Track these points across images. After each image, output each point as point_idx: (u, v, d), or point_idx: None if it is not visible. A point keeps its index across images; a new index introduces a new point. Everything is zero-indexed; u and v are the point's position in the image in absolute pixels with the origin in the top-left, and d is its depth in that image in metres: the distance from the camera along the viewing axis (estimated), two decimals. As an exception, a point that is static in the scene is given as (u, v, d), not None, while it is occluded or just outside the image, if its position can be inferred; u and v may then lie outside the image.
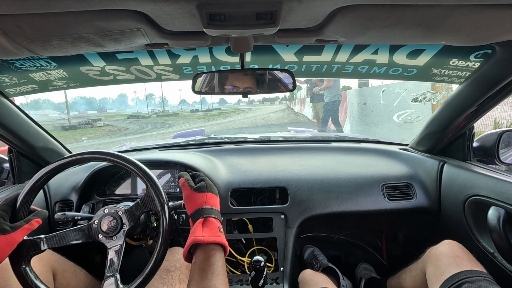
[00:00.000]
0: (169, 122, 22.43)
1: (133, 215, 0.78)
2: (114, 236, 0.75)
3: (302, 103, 20.76)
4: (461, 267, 0.77)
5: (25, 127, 1.15)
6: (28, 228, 0.68)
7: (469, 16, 0.54)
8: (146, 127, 20.10)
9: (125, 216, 0.77)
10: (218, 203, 0.79)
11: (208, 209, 0.74)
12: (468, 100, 1.03)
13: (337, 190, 1.23)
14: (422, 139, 1.37)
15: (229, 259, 1.23)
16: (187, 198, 0.78)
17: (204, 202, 0.75)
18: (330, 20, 0.58)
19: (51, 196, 1.23)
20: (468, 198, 1.03)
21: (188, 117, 30.75)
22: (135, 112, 46.98)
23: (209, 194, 0.77)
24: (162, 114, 39.41)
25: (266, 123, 15.62)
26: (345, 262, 1.65)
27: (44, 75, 1.20)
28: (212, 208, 0.75)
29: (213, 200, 0.77)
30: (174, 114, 38.20)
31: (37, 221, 0.70)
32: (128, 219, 0.77)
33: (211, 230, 0.71)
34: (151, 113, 43.19)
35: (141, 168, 0.77)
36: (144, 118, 34.33)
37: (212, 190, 0.79)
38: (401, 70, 1.27)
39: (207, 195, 0.77)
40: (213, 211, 0.75)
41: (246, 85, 1.00)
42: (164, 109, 53.03)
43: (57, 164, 0.78)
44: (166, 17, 0.54)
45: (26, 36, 0.56)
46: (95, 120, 23.52)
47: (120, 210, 0.78)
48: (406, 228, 1.58)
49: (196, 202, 0.75)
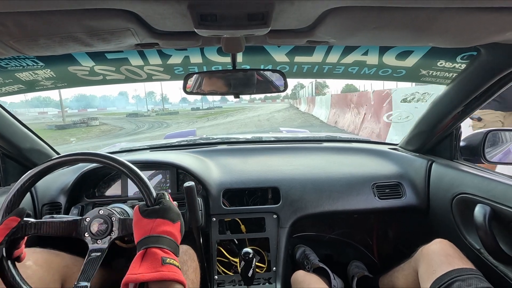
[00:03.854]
0: (168, 121, 21.88)
1: (125, 227, 0.74)
2: (99, 240, 0.73)
3: (310, 102, 19.62)
4: (452, 266, 0.79)
5: (11, 128, 1.12)
6: (4, 228, 0.66)
7: (455, 18, 0.56)
8: (143, 126, 19.61)
9: (117, 224, 0.75)
10: (175, 230, 0.66)
11: (153, 237, 0.62)
12: (455, 100, 1.06)
13: (329, 190, 1.24)
14: (411, 139, 1.40)
15: (221, 260, 1.23)
16: (134, 227, 0.66)
17: (150, 230, 0.63)
18: (321, 21, 0.58)
19: (39, 199, 1.20)
20: (455, 196, 1.05)
21: (188, 115, 30.13)
22: (135, 110, 45.45)
23: (158, 220, 0.64)
24: (162, 113, 38.61)
25: (272, 125, 13.84)
26: (337, 261, 1.67)
27: (31, 75, 1.17)
28: (160, 236, 0.62)
29: (164, 226, 0.64)
30: (174, 113, 37.46)
31: (13, 219, 0.67)
32: (119, 228, 0.74)
33: (151, 264, 0.58)
34: (150, 111, 42.27)
35: (132, 169, 0.75)
36: (143, 116, 33.71)
37: (166, 215, 0.66)
38: (391, 71, 1.29)
39: (156, 221, 0.64)
40: (160, 240, 0.62)
41: (237, 86, 1.00)
42: (164, 107, 52.43)
43: (45, 166, 0.76)
44: (157, 17, 0.54)
45: (12, 35, 0.55)
46: (91, 119, 22.78)
47: (114, 216, 0.76)
48: (396, 227, 1.61)
49: (140, 230, 0.64)
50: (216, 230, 1.20)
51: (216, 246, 1.20)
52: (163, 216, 0.65)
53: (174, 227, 0.66)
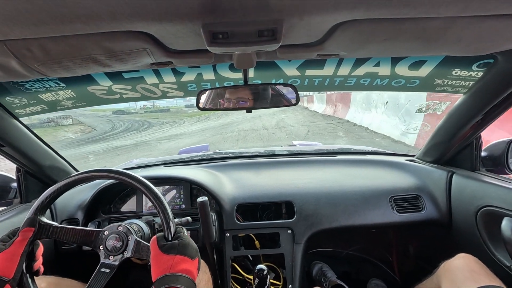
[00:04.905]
0: (151, 121, 19.83)
1: (139, 250, 0.74)
2: (111, 256, 0.73)
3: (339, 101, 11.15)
4: (478, 283, 0.74)
5: (33, 147, 1.17)
6: (21, 239, 0.68)
7: (469, 27, 0.55)
8: (120, 126, 17.19)
9: (132, 244, 0.75)
10: (194, 268, 0.65)
11: (173, 276, 0.60)
12: (473, 109, 1.02)
13: (344, 204, 1.21)
14: (429, 149, 1.36)
15: (235, 277, 1.20)
16: (152, 260, 0.65)
17: (170, 267, 0.61)
18: (331, 35, 0.59)
19: (58, 215, 1.23)
20: (479, 209, 1.00)
21: (179, 113, 27.21)
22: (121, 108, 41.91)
23: (178, 257, 0.63)
24: (152, 110, 35.76)
25: (289, 133, 8.96)
26: (355, 278, 1.60)
27: (53, 96, 1.23)
28: (179, 275, 0.60)
29: (183, 264, 0.63)
30: (165, 110, 34.54)
31: (27, 230, 0.70)
32: (132, 249, 0.74)
33: None
34: (139, 108, 38.08)
35: (147, 185, 0.76)
36: (129, 114, 31.48)
37: (186, 251, 0.65)
38: (404, 82, 1.27)
39: (175, 258, 0.63)
40: (179, 279, 0.60)
41: (250, 101, 1.01)
42: (154, 104, 46.19)
43: (64, 183, 0.78)
44: (171, 36, 0.56)
45: (36, 59, 0.58)
46: (63, 118, 19.99)
47: (131, 236, 0.76)
48: (417, 242, 1.54)
49: (159, 267, 0.62)
50: (230, 246, 1.19)
51: (230, 263, 1.18)
52: (182, 253, 0.64)
53: (193, 265, 0.65)
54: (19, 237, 0.68)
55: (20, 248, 0.67)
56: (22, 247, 0.67)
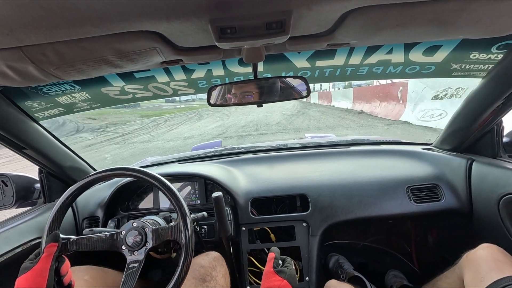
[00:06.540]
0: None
1: (159, 236, 0.78)
2: (136, 251, 0.77)
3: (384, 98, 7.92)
4: (503, 273, 0.72)
5: (54, 149, 1.21)
6: (46, 255, 0.71)
7: (487, 7, 0.52)
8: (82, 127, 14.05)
9: (151, 234, 0.78)
10: None
11: None
12: (493, 93, 0.98)
13: (360, 195, 1.20)
14: (447, 137, 1.31)
15: (252, 270, 1.22)
16: (265, 274, 0.76)
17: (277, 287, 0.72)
18: (341, 24, 0.57)
19: (79, 213, 1.28)
20: (502, 197, 0.97)
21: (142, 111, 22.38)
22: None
23: (285, 282, 0.72)
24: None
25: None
26: (372, 269, 1.59)
27: (69, 98, 1.27)
28: None
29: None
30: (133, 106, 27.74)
31: (52, 246, 0.73)
32: (152, 239, 0.78)
33: None
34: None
35: (163, 182, 0.78)
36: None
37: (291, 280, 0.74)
38: (419, 68, 1.23)
39: (283, 282, 0.72)
40: None
41: (260, 94, 1.00)
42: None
43: (84, 182, 0.81)
44: (179, 34, 0.56)
45: (52, 63, 0.60)
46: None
47: (147, 227, 0.79)
48: (436, 232, 1.50)
49: (270, 283, 0.73)
50: (246, 239, 1.20)
51: (247, 256, 1.19)
52: (289, 281, 0.73)
53: None
54: (44, 254, 0.71)
55: (47, 264, 0.70)
56: (48, 262, 0.70)
